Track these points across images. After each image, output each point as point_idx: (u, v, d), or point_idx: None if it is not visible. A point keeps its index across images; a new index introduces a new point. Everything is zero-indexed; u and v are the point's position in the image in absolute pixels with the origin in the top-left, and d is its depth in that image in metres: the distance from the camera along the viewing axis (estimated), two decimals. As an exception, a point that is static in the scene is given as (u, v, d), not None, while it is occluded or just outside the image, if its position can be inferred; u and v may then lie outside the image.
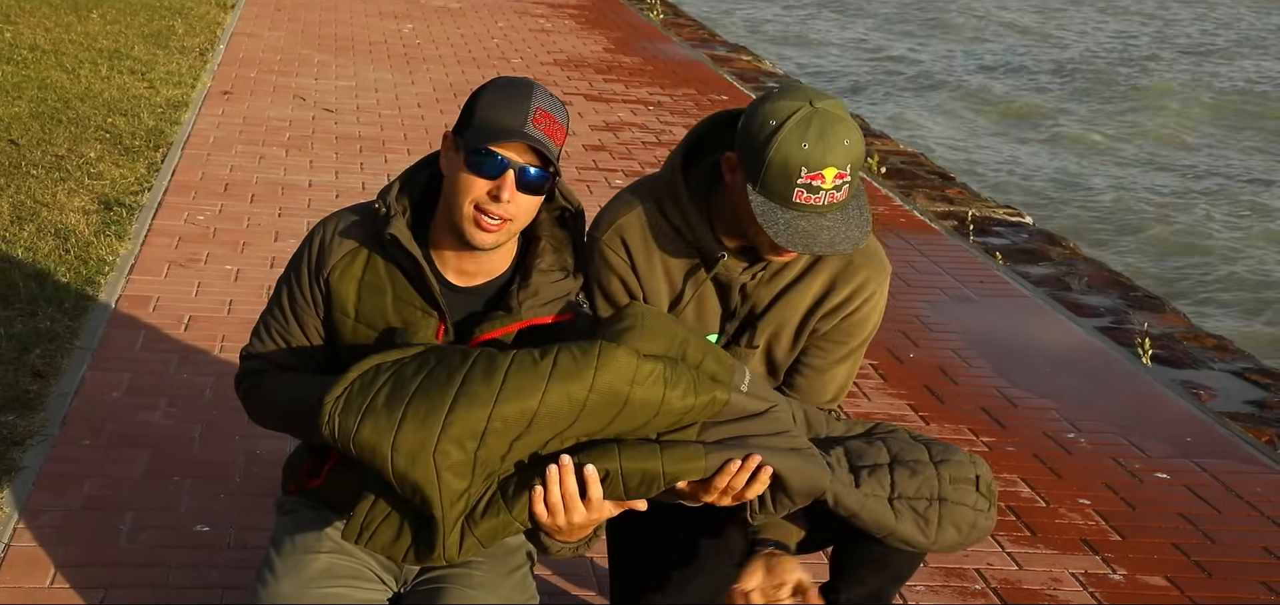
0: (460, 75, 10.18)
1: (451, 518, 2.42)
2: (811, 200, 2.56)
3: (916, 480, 2.64)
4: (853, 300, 2.78)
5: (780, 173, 2.55)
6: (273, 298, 2.78)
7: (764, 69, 11.92)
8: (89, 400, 4.44)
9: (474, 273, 2.66)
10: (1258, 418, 5.29)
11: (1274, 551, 4.09)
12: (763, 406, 2.57)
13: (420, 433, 2.36)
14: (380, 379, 2.43)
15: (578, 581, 3.61)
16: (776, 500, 2.62)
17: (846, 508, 2.60)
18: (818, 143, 2.54)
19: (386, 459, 2.38)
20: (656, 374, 2.40)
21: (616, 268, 2.77)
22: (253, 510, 3.82)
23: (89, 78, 9.04)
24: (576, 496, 2.42)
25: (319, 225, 2.75)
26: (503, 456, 2.41)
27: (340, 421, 2.40)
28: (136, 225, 6.21)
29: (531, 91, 2.57)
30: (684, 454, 2.44)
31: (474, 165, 2.53)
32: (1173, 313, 6.56)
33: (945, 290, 6.25)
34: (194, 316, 5.19)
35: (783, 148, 2.55)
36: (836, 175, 2.56)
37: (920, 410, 4.93)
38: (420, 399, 2.38)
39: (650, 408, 2.41)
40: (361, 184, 7.21)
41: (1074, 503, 4.29)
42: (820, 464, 2.56)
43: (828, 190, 2.56)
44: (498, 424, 2.37)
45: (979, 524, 2.67)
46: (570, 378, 2.37)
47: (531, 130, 2.52)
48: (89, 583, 3.42)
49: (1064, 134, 12.61)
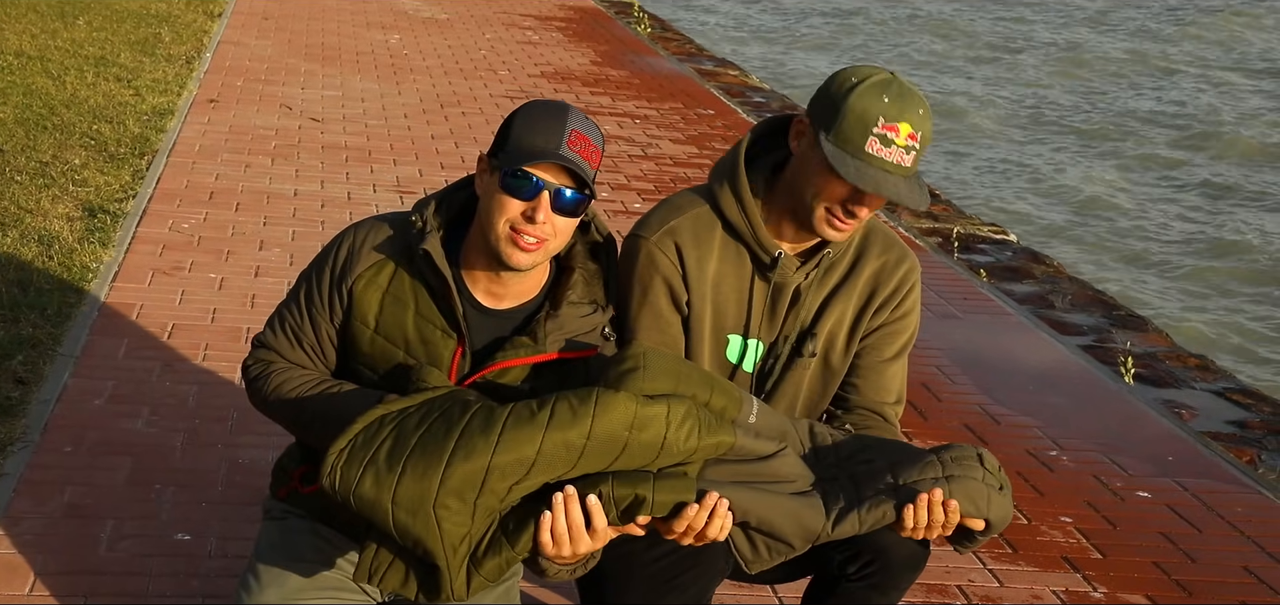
0: (447, 86, 10.19)
1: (456, 562, 2.42)
2: (883, 153, 2.61)
3: (918, 465, 2.61)
4: (898, 292, 2.85)
5: (857, 121, 2.61)
6: (292, 291, 2.76)
7: (751, 84, 11.94)
8: (71, 407, 4.43)
9: (503, 295, 2.65)
10: (1239, 437, 5.31)
11: (1254, 571, 4.11)
12: (771, 448, 2.56)
13: (420, 486, 2.36)
14: (383, 431, 2.42)
15: (558, 590, 3.61)
16: (772, 547, 2.62)
17: (846, 535, 2.58)
18: (897, 100, 2.62)
19: (387, 513, 2.38)
20: (659, 416, 2.40)
21: (664, 271, 2.77)
22: (234, 519, 3.81)
23: (75, 84, 9.02)
24: (582, 527, 2.41)
25: (350, 229, 2.72)
26: (502, 499, 2.41)
27: (342, 475, 2.40)
28: (121, 232, 6.20)
29: (567, 114, 2.55)
30: (675, 485, 2.43)
31: (509, 186, 2.52)
32: (1155, 332, 6.58)
33: (929, 307, 6.27)
34: (177, 324, 5.18)
35: (863, 98, 2.62)
36: (909, 135, 2.61)
37: (904, 426, 4.93)
38: (419, 453, 2.38)
39: (651, 449, 2.41)
40: (347, 193, 7.20)
41: (1055, 520, 4.31)
42: (817, 508, 2.55)
43: (900, 146, 2.61)
44: (495, 474, 2.37)
45: (994, 501, 2.60)
46: (567, 427, 2.37)
47: (567, 152, 2.51)
48: (69, 591, 3.41)
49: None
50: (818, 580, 2.96)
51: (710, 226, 2.79)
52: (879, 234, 2.89)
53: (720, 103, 10.55)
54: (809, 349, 2.82)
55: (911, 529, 2.59)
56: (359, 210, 6.80)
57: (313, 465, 2.79)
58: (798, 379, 2.85)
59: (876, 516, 2.59)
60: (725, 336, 2.83)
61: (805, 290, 2.80)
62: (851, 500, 2.58)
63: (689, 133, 9.40)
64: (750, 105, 10.67)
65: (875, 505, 2.58)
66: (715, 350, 2.82)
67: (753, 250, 2.79)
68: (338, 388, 2.67)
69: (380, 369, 2.65)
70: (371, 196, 7.20)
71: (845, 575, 2.84)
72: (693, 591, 2.83)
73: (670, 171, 8.32)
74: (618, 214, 7.26)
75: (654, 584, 2.79)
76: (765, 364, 2.85)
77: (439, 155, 8.17)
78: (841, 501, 2.57)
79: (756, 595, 3.65)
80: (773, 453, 2.56)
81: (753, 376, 2.86)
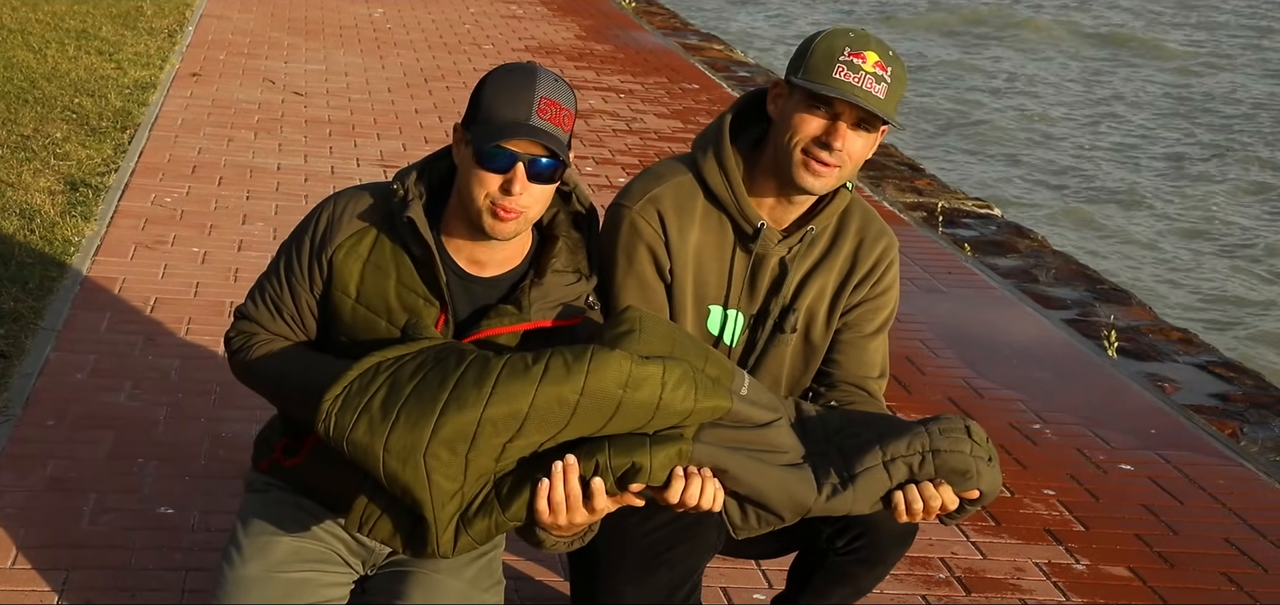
0: (431, 60, 10.15)
1: (444, 517, 2.41)
2: (851, 78, 2.64)
3: (906, 438, 2.60)
4: (877, 269, 2.85)
5: (824, 55, 2.66)
6: (273, 262, 2.74)
7: (736, 58, 11.92)
8: (53, 381, 4.41)
9: (486, 262, 2.64)
10: (1221, 411, 5.32)
11: (1235, 542, 4.13)
12: (765, 416, 2.55)
13: (411, 435, 2.36)
14: (378, 379, 2.42)
15: (546, 565, 3.61)
16: (761, 516, 2.62)
17: (838, 512, 2.58)
18: (862, 36, 2.68)
19: (378, 460, 2.37)
20: (654, 376, 2.39)
21: (648, 238, 2.77)
22: (217, 493, 3.80)
23: (56, 58, 8.97)
24: (579, 498, 2.40)
25: (329, 200, 2.71)
26: (496, 458, 2.40)
27: (337, 420, 2.39)
28: (103, 206, 6.17)
29: (535, 82, 2.53)
30: (671, 450, 2.42)
31: (484, 162, 2.51)
32: (1139, 306, 6.60)
33: (914, 281, 6.27)
34: (160, 298, 5.16)
35: (829, 38, 2.69)
36: (877, 63, 2.65)
37: (887, 400, 4.93)
38: (413, 402, 2.38)
39: (646, 410, 2.40)
40: (331, 168, 7.18)
41: (1038, 493, 4.32)
42: (809, 482, 2.54)
43: (868, 71, 2.64)
44: (487, 427, 2.36)
45: (984, 473, 2.59)
46: (560, 381, 2.36)
47: (537, 122, 2.50)
48: (51, 564, 3.40)
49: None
50: (805, 554, 2.96)
51: (692, 195, 2.78)
52: (858, 210, 2.88)
53: (705, 77, 10.54)
54: (790, 324, 2.82)
55: (906, 517, 2.58)
56: (342, 184, 6.76)
57: (295, 438, 2.78)
58: (779, 355, 2.85)
59: (869, 497, 2.57)
60: (707, 307, 2.82)
61: (789, 264, 2.80)
62: (843, 476, 2.57)
63: (674, 107, 9.39)
64: (735, 80, 10.65)
65: (868, 483, 2.57)
66: (697, 321, 2.82)
67: (735, 220, 2.78)
68: (319, 359, 2.66)
69: (362, 338, 2.64)
70: (355, 170, 7.18)
71: (833, 549, 2.85)
72: (684, 566, 2.83)
73: (655, 146, 8.31)
74: (602, 188, 7.25)
75: (645, 558, 2.79)
76: (748, 340, 2.85)
77: (423, 129, 8.14)
78: (833, 477, 2.56)
79: (743, 569, 3.65)
80: (768, 421, 2.55)
81: (736, 353, 2.85)
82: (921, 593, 3.68)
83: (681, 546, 2.82)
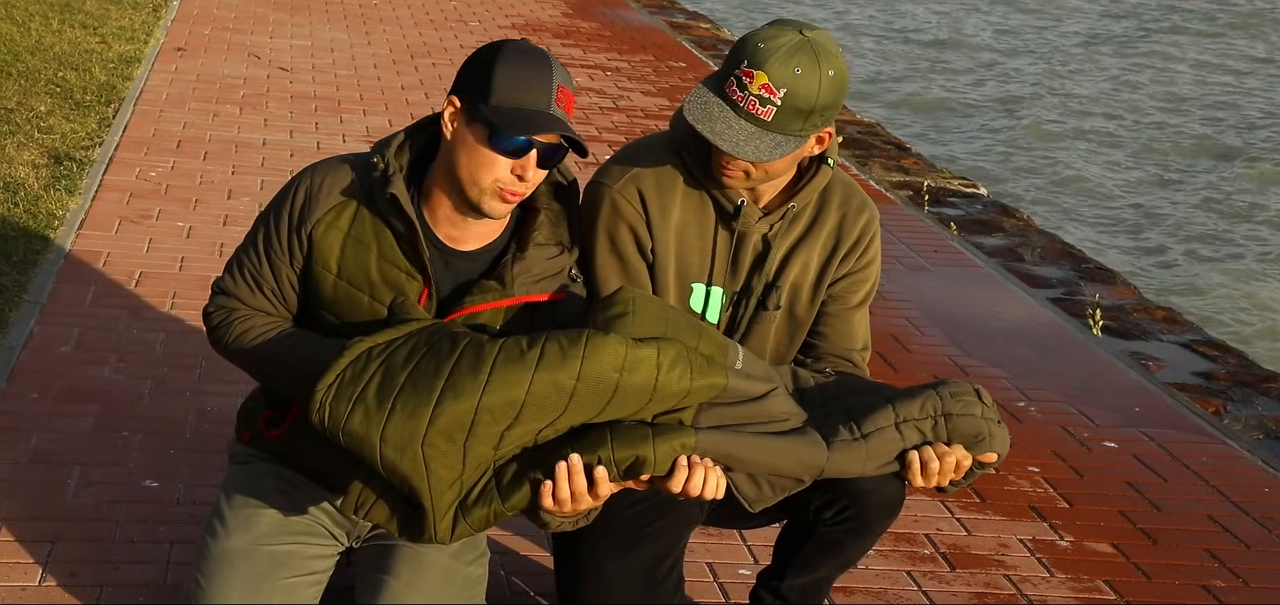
0: (417, 36, 10.12)
1: (443, 505, 2.40)
2: (736, 97, 2.58)
3: (917, 401, 2.60)
4: (861, 242, 2.84)
5: (733, 56, 2.60)
6: (249, 235, 2.72)
7: (723, 36, 11.90)
8: (37, 354, 4.39)
9: (465, 235, 2.62)
10: (1205, 389, 5.34)
11: (1218, 520, 4.14)
12: (762, 388, 2.54)
13: (408, 425, 2.35)
14: (371, 366, 2.40)
15: (530, 538, 3.61)
16: (774, 484, 2.61)
17: (850, 471, 2.57)
18: (775, 53, 2.55)
19: (375, 450, 2.36)
20: (649, 359, 2.38)
21: (628, 217, 2.75)
22: (202, 466, 3.79)
23: (40, 31, 8.92)
24: (585, 493, 2.40)
25: (306, 172, 2.67)
26: (494, 446, 2.40)
27: (332, 409, 2.38)
28: (87, 180, 6.14)
29: (551, 69, 2.51)
30: (674, 439, 2.42)
31: (500, 145, 2.48)
32: (1124, 285, 6.61)
33: (900, 259, 6.28)
34: (145, 272, 5.15)
35: (751, 39, 2.60)
36: (764, 86, 2.56)
37: (873, 378, 4.94)
38: (408, 390, 2.36)
39: (643, 393, 2.40)
40: (316, 143, 7.16)
41: (1023, 470, 4.33)
42: (816, 441, 2.54)
43: (753, 94, 2.57)
44: (485, 415, 2.35)
45: (996, 435, 2.60)
46: (557, 367, 2.35)
47: (556, 111, 2.50)
48: (35, 536, 3.39)
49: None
50: (792, 525, 2.96)
51: (672, 174, 2.78)
52: (839, 184, 2.88)
53: (692, 55, 10.52)
54: (773, 301, 2.81)
55: (920, 480, 2.58)
56: (328, 159, 6.76)
57: (278, 410, 2.77)
58: (763, 332, 2.85)
59: (881, 456, 2.56)
60: (690, 285, 2.81)
61: (772, 241, 2.80)
62: (855, 433, 2.56)
63: (660, 85, 9.38)
64: (721, 58, 10.63)
65: (880, 442, 2.56)
66: (680, 300, 2.81)
67: (715, 198, 2.78)
68: (302, 336, 2.65)
69: (344, 314, 2.63)
70: (341, 146, 7.15)
71: (821, 519, 2.85)
72: (666, 540, 2.84)
73: (641, 124, 8.30)
74: (588, 166, 7.23)
75: (627, 532, 2.79)
76: (732, 317, 2.85)
77: (409, 105, 8.12)
78: (842, 433, 2.55)
79: (726, 541, 3.66)
80: (764, 393, 2.55)
81: (720, 331, 2.85)
82: (906, 569, 3.69)
83: (663, 521, 2.82)
